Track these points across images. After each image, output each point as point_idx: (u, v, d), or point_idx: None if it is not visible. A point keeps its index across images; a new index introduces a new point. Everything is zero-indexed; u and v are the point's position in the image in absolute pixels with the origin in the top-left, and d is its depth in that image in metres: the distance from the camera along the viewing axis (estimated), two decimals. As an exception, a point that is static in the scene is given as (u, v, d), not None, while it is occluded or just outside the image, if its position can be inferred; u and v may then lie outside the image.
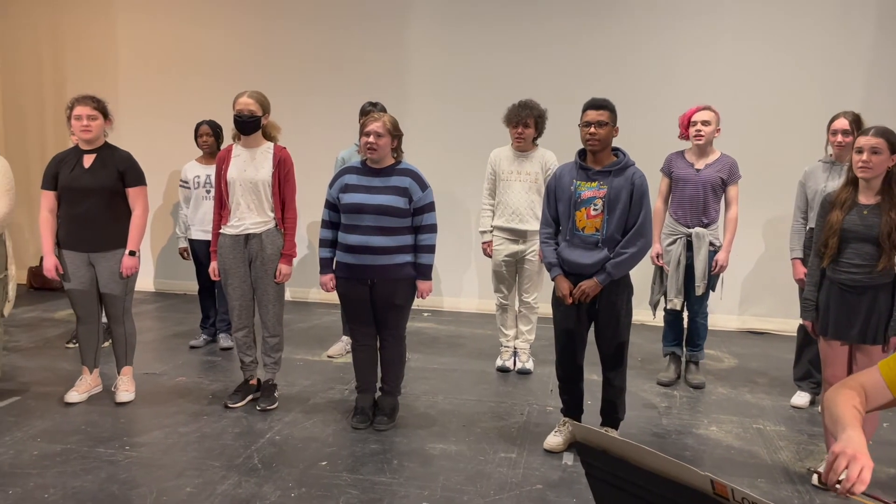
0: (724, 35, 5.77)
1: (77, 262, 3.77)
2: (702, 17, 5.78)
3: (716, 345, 5.42)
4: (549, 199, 3.37)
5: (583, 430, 1.22)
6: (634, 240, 3.18)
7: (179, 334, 5.36)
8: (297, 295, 6.62)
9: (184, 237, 5.07)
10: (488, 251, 4.57)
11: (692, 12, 5.79)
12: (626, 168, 3.22)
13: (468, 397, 4.15)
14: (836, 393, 1.61)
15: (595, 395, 3.94)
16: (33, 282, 6.85)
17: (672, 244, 4.27)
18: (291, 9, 6.40)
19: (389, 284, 3.53)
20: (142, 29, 6.69)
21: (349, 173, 3.58)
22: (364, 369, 3.74)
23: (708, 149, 4.25)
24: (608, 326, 3.30)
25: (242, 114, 3.67)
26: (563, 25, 5.99)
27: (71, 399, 3.87)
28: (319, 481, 3.05)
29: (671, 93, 5.84)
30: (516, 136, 4.38)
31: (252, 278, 3.83)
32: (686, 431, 3.73)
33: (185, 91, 6.64)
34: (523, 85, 5.86)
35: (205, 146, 4.98)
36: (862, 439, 1.43)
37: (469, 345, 5.29)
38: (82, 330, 3.92)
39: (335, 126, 6.27)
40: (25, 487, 2.93)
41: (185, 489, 2.96)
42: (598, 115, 3.18)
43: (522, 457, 3.35)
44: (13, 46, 6.91)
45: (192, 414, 3.78)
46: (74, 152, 3.78)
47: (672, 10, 5.82)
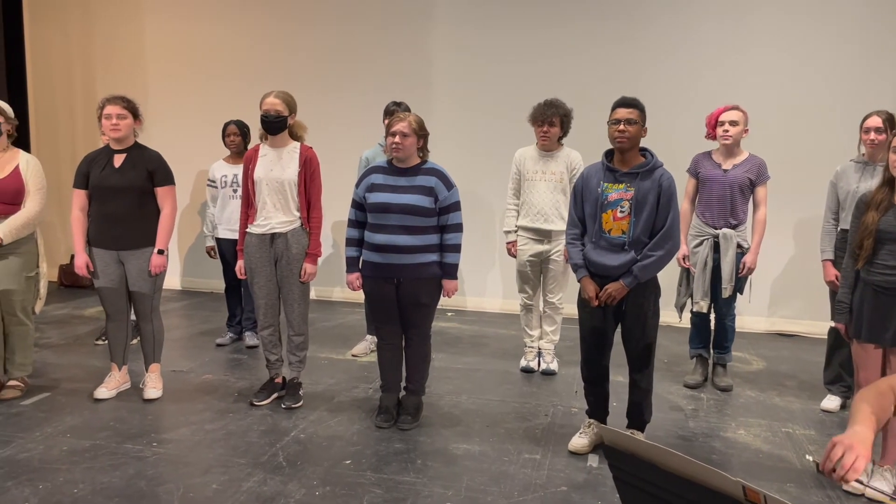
0: (753, 33, 5.69)
1: (107, 259, 3.83)
2: (730, 17, 5.71)
3: (744, 347, 5.35)
4: (576, 200, 3.34)
5: (611, 433, 1.21)
6: (662, 242, 3.15)
7: (206, 332, 5.42)
8: (322, 294, 6.65)
9: (211, 236, 5.12)
10: (513, 251, 4.56)
11: (720, 12, 5.72)
12: (653, 170, 3.19)
13: (492, 397, 4.14)
14: (861, 394, 1.59)
15: (621, 397, 3.90)
16: (64, 279, 6.96)
17: (699, 245, 4.21)
18: (318, 11, 6.43)
19: (415, 283, 3.53)
20: (170, 30, 6.76)
21: (375, 173, 3.59)
22: (389, 368, 3.75)
23: (736, 149, 4.19)
24: (635, 328, 3.26)
25: (269, 114, 3.70)
26: (589, 27, 5.94)
27: (100, 395, 3.93)
28: (344, 480, 3.06)
29: (698, 92, 5.77)
30: (541, 135, 4.35)
31: (278, 277, 3.85)
32: (713, 434, 3.68)
33: (213, 91, 6.71)
34: (548, 84, 5.83)
35: (232, 146, 5.02)
36: (866, 434, 1.41)
37: (493, 345, 5.27)
38: (111, 327, 3.98)
39: (360, 125, 6.29)
40: (55, 482, 2.98)
41: (212, 486, 2.98)
42: (627, 113, 3.15)
43: (547, 458, 3.33)
44: (45, 48, 7.03)
45: (219, 411, 3.82)
46: (105, 152, 3.83)
47: (699, 11, 5.75)
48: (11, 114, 3.92)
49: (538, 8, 6.03)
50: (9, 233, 3.76)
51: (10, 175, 3.82)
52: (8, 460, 3.17)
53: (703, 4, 5.74)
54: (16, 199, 3.83)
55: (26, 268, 3.88)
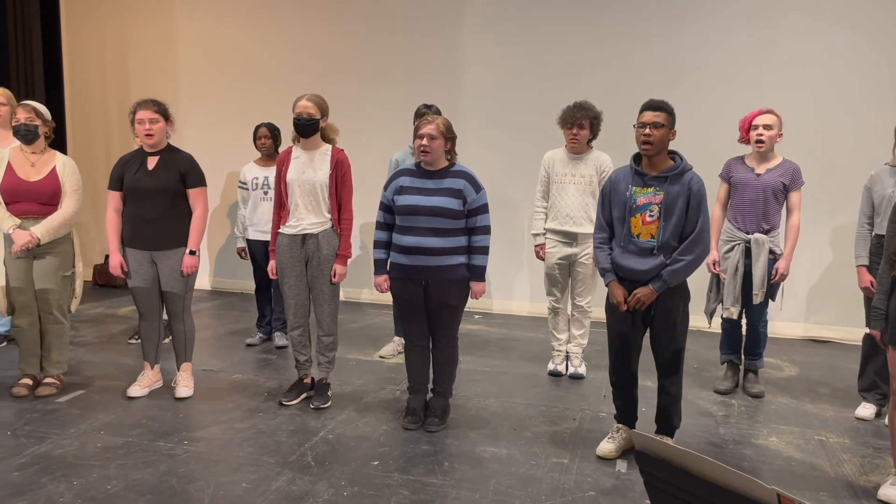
0: (786, 38, 5.61)
1: (140, 260, 3.90)
2: (761, 21, 5.63)
3: (776, 353, 5.27)
4: (604, 204, 3.32)
5: (642, 438, 1.20)
6: (692, 247, 3.12)
7: (236, 332, 5.48)
8: (351, 295, 6.69)
9: (241, 237, 5.18)
10: (541, 254, 4.54)
11: (752, 17, 5.64)
12: (682, 173, 3.16)
13: (519, 401, 4.13)
14: None
15: (649, 402, 3.87)
16: (98, 279, 7.09)
17: (730, 251, 4.16)
18: (349, 14, 6.48)
19: (443, 285, 3.54)
20: (202, 34, 6.86)
21: (404, 175, 3.60)
22: (416, 370, 3.76)
23: (769, 153, 4.13)
24: (664, 332, 3.24)
25: (301, 117, 3.74)
26: (620, 31, 5.91)
27: (133, 393, 3.99)
28: (371, 481, 3.08)
29: (730, 96, 5.70)
30: (571, 137, 4.34)
31: (308, 278, 3.89)
32: (744, 441, 3.63)
33: (244, 94, 6.79)
34: (577, 87, 5.81)
35: (263, 148, 5.08)
36: None
37: (520, 348, 5.26)
38: (144, 326, 4.04)
39: (390, 128, 6.32)
40: (89, 478, 3.04)
41: (241, 484, 3.02)
42: (654, 117, 3.12)
43: (574, 462, 3.32)
44: (80, 52, 7.17)
45: (248, 410, 3.86)
46: (139, 154, 3.90)
47: (731, 15, 5.68)
48: (49, 116, 4.01)
49: (569, 13, 6.00)
50: (46, 233, 3.84)
51: (48, 176, 3.91)
52: (44, 456, 3.24)
53: (736, 9, 5.68)
54: (53, 199, 3.91)
55: (63, 267, 3.97)
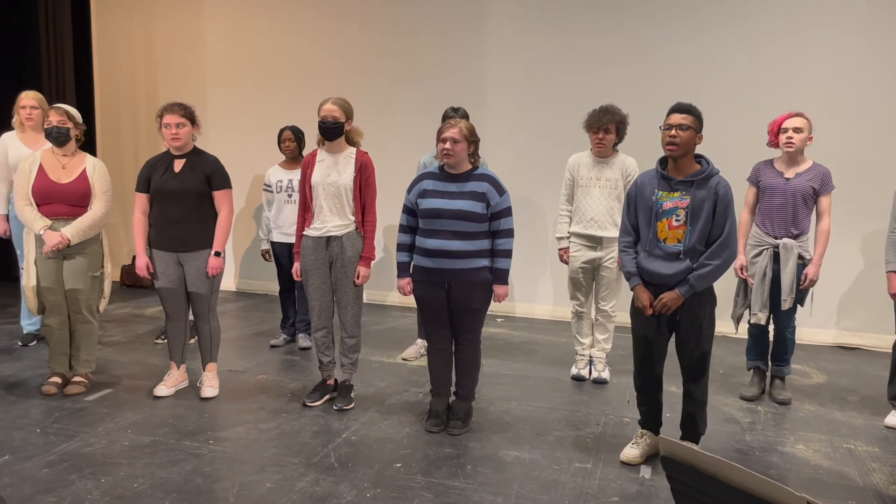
0: (815, 40, 5.53)
1: (167, 261, 3.94)
2: (791, 24, 5.56)
3: (804, 359, 5.19)
4: (630, 208, 3.30)
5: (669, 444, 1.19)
6: (719, 252, 3.09)
7: (260, 333, 5.52)
8: (374, 297, 6.71)
9: (266, 239, 5.22)
10: (565, 258, 4.52)
11: (781, 19, 5.58)
12: (709, 177, 3.13)
13: (542, 405, 4.11)
14: None
15: (674, 408, 3.84)
16: (126, 279, 7.19)
17: (758, 256, 4.11)
18: (373, 18, 6.51)
19: (466, 288, 3.54)
20: (230, 38, 6.94)
21: (427, 179, 3.61)
22: (439, 373, 3.76)
23: (799, 157, 4.08)
24: (690, 337, 3.21)
25: (327, 120, 3.76)
26: (646, 34, 5.87)
27: (159, 393, 4.04)
28: (394, 483, 3.08)
29: (759, 99, 5.64)
30: (597, 141, 4.32)
31: (332, 280, 3.91)
32: (771, 449, 3.58)
33: (269, 98, 6.85)
34: (603, 90, 5.79)
35: (287, 151, 5.11)
36: None
37: (543, 351, 5.24)
38: (171, 327, 4.09)
39: (414, 132, 6.34)
40: (116, 476, 3.08)
41: (266, 484, 3.04)
42: (681, 119, 3.10)
43: (598, 467, 3.30)
44: (110, 56, 7.29)
45: (273, 411, 3.89)
46: (166, 157, 3.96)
47: (760, 17, 5.62)
48: (80, 119, 4.08)
49: (595, 15, 5.98)
50: (76, 234, 3.91)
51: (78, 178, 3.97)
52: (73, 454, 3.29)
53: (765, 11, 5.62)
54: (83, 201, 3.98)
55: (92, 268, 4.03)
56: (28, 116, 4.67)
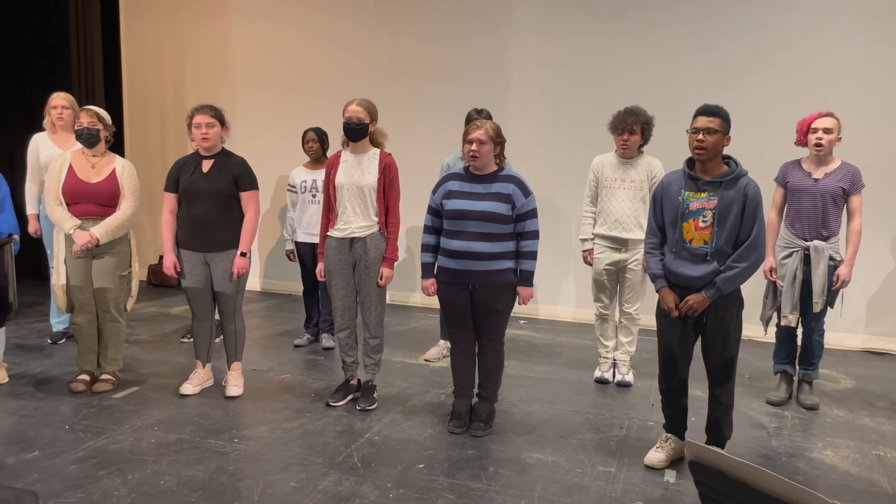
0: (845, 39, 5.44)
1: (194, 261, 3.99)
2: (820, 23, 5.48)
3: (832, 364, 5.11)
4: (656, 209, 3.28)
5: (696, 448, 1.18)
6: (747, 254, 3.05)
7: (284, 333, 5.56)
8: (397, 298, 6.72)
9: (290, 240, 5.25)
10: (589, 259, 4.50)
11: (809, 19, 5.50)
12: (738, 178, 3.09)
13: (565, 407, 4.09)
14: None
15: (699, 412, 3.80)
16: (152, 279, 7.28)
17: (787, 258, 4.06)
18: (396, 20, 6.53)
19: (490, 290, 3.53)
20: (256, 41, 7.00)
21: (452, 180, 3.61)
22: (462, 374, 3.76)
23: (828, 157, 4.02)
24: (716, 341, 3.17)
25: (351, 121, 3.78)
26: (671, 34, 5.82)
27: (185, 391, 4.09)
28: (416, 484, 3.08)
29: (786, 99, 5.57)
30: (621, 143, 4.29)
31: (355, 280, 3.92)
32: (798, 454, 3.53)
33: (294, 100, 6.90)
34: (628, 91, 5.75)
35: (311, 152, 5.15)
36: None
37: (566, 354, 5.21)
38: (197, 326, 4.13)
39: (438, 133, 6.34)
40: (143, 473, 3.12)
41: (289, 483, 3.06)
42: (708, 122, 3.07)
43: (622, 471, 3.27)
44: (139, 58, 7.39)
45: (296, 410, 3.91)
46: (194, 158, 4.00)
47: (787, 18, 5.55)
48: (109, 121, 4.14)
49: (619, 16, 5.94)
50: (105, 233, 3.96)
51: (107, 179, 4.03)
52: (101, 450, 3.33)
53: (792, 11, 5.54)
54: (112, 201, 4.03)
55: (120, 267, 4.08)
56: (59, 117, 4.75)
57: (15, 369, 4.43)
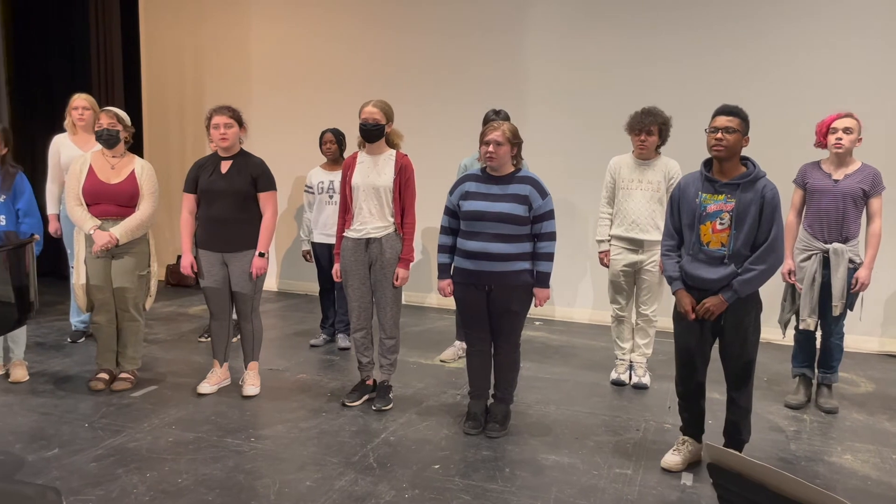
0: (866, 41, 5.39)
1: (212, 260, 4.02)
2: (842, 24, 5.43)
3: (851, 367, 5.05)
4: (673, 211, 3.26)
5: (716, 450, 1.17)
6: (765, 256, 3.02)
7: (300, 333, 5.59)
8: (412, 299, 6.73)
9: (307, 240, 5.28)
10: (605, 261, 4.48)
11: (831, 20, 5.45)
12: (755, 180, 3.07)
13: (581, 409, 4.08)
14: None
15: (716, 415, 3.77)
16: (170, 278, 7.34)
17: (806, 260, 4.02)
18: (413, 20, 6.54)
19: (506, 291, 3.53)
20: (274, 42, 7.04)
21: (469, 181, 3.61)
22: (478, 375, 3.76)
23: (847, 158, 3.98)
24: (734, 344, 3.15)
25: (367, 122, 3.79)
26: (690, 35, 5.79)
27: (202, 390, 4.11)
28: (432, 484, 3.09)
29: (805, 100, 5.52)
30: (639, 143, 4.27)
31: (371, 281, 3.93)
32: (817, 458, 3.50)
33: (311, 101, 6.93)
34: (646, 91, 5.72)
35: (328, 153, 5.17)
36: None
37: (582, 356, 5.20)
38: (214, 325, 4.16)
39: (454, 133, 6.35)
40: (161, 471, 3.14)
41: (305, 483, 3.07)
42: (727, 122, 3.05)
43: (638, 474, 3.26)
44: (157, 61, 7.45)
45: (312, 410, 3.93)
46: (213, 158, 4.03)
47: (808, 20, 5.50)
48: (129, 122, 4.18)
49: (637, 16, 5.92)
50: (124, 233, 4.00)
51: (127, 179, 4.07)
52: (119, 448, 3.37)
53: (813, 14, 5.49)
54: (131, 201, 4.07)
55: (139, 266, 4.12)
56: (80, 117, 4.80)
57: (35, 367, 4.49)
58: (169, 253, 7.58)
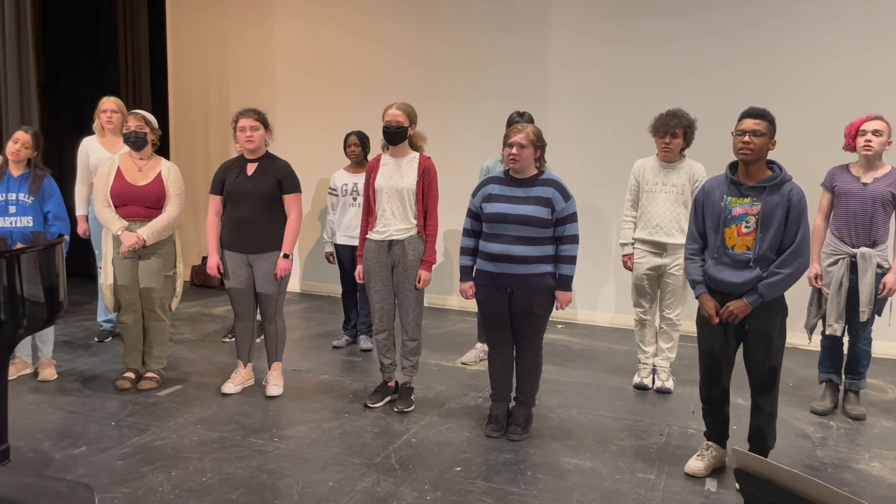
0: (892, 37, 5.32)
1: (238, 262, 4.06)
2: (869, 28, 5.35)
3: (879, 374, 4.97)
4: (697, 214, 3.24)
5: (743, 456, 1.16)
6: (791, 260, 2.99)
7: (323, 334, 5.62)
8: (433, 301, 6.74)
9: (330, 242, 5.31)
10: (629, 264, 4.46)
11: (858, 24, 5.37)
12: (782, 184, 3.04)
13: (603, 413, 4.06)
14: None
15: (741, 420, 3.74)
16: (195, 279, 7.41)
17: (833, 265, 3.97)
18: (437, 22, 6.55)
19: (528, 294, 3.52)
20: (298, 45, 7.09)
21: (492, 183, 3.62)
22: (499, 378, 3.75)
23: (877, 161, 3.93)
24: (759, 348, 3.12)
25: (391, 124, 3.81)
26: (715, 37, 5.74)
27: (227, 390, 4.15)
28: (454, 486, 3.09)
29: (833, 103, 5.44)
30: (663, 146, 4.25)
31: (394, 283, 3.95)
32: (844, 465, 3.45)
33: (336, 103, 6.96)
34: (670, 93, 5.68)
35: (352, 155, 5.19)
36: None
37: (604, 359, 5.17)
38: (239, 326, 4.20)
39: (477, 135, 6.34)
40: (186, 470, 3.18)
41: (328, 483, 3.09)
42: (754, 125, 3.02)
43: (661, 479, 3.23)
44: (184, 64, 7.54)
45: (335, 411, 3.95)
46: (239, 161, 4.07)
47: (836, 23, 5.43)
48: (156, 125, 4.23)
49: (663, 19, 5.88)
50: (151, 235, 4.05)
51: (154, 181, 4.12)
52: (145, 447, 3.41)
53: (840, 18, 5.42)
54: (158, 203, 4.12)
55: (165, 267, 4.17)
56: (108, 120, 4.87)
57: (63, 366, 4.56)
58: (194, 254, 7.66)
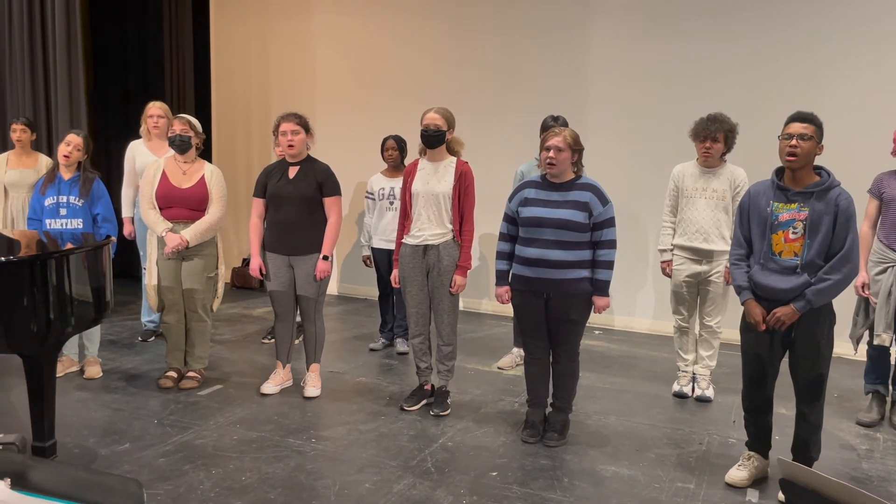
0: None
1: (279, 263, 4.11)
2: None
3: (928, 386, 4.83)
4: (742, 219, 3.19)
5: (790, 466, 1.14)
6: (840, 266, 2.92)
7: (360, 336, 5.66)
8: (469, 305, 6.74)
9: (367, 245, 5.35)
10: (668, 270, 4.40)
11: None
12: (829, 189, 2.98)
13: (642, 420, 4.01)
14: None
15: (783, 430, 3.66)
16: (235, 281, 7.53)
17: (881, 273, 3.87)
18: (477, 26, 6.56)
19: (565, 299, 3.50)
20: (338, 49, 7.17)
21: (529, 187, 3.61)
22: (536, 383, 3.74)
23: (927, 167, 3.82)
24: (806, 357, 3.05)
25: (429, 128, 3.83)
26: (756, 39, 5.65)
27: (266, 391, 4.21)
28: (490, 491, 3.08)
29: (880, 107, 5.31)
30: (703, 151, 4.19)
31: (429, 288, 3.96)
32: (890, 479, 3.36)
33: (374, 106, 7.02)
34: (711, 97, 5.60)
35: (390, 160, 5.23)
36: None
37: (642, 366, 5.11)
38: (279, 327, 4.25)
39: (513, 140, 6.34)
40: (226, 469, 3.23)
41: (365, 485, 3.11)
42: (802, 128, 2.97)
43: (701, 488, 3.18)
44: (226, 70, 7.68)
45: (372, 413, 3.97)
46: (281, 164, 4.14)
47: (880, 24, 5.30)
48: (200, 129, 4.32)
49: (704, 22, 5.80)
50: (194, 236, 4.13)
51: (197, 184, 4.20)
52: (186, 445, 3.47)
53: (886, 12, 5.29)
54: (201, 205, 4.20)
55: (207, 268, 4.25)
56: (155, 125, 4.98)
57: (108, 365, 4.67)
58: (234, 256, 7.78)
